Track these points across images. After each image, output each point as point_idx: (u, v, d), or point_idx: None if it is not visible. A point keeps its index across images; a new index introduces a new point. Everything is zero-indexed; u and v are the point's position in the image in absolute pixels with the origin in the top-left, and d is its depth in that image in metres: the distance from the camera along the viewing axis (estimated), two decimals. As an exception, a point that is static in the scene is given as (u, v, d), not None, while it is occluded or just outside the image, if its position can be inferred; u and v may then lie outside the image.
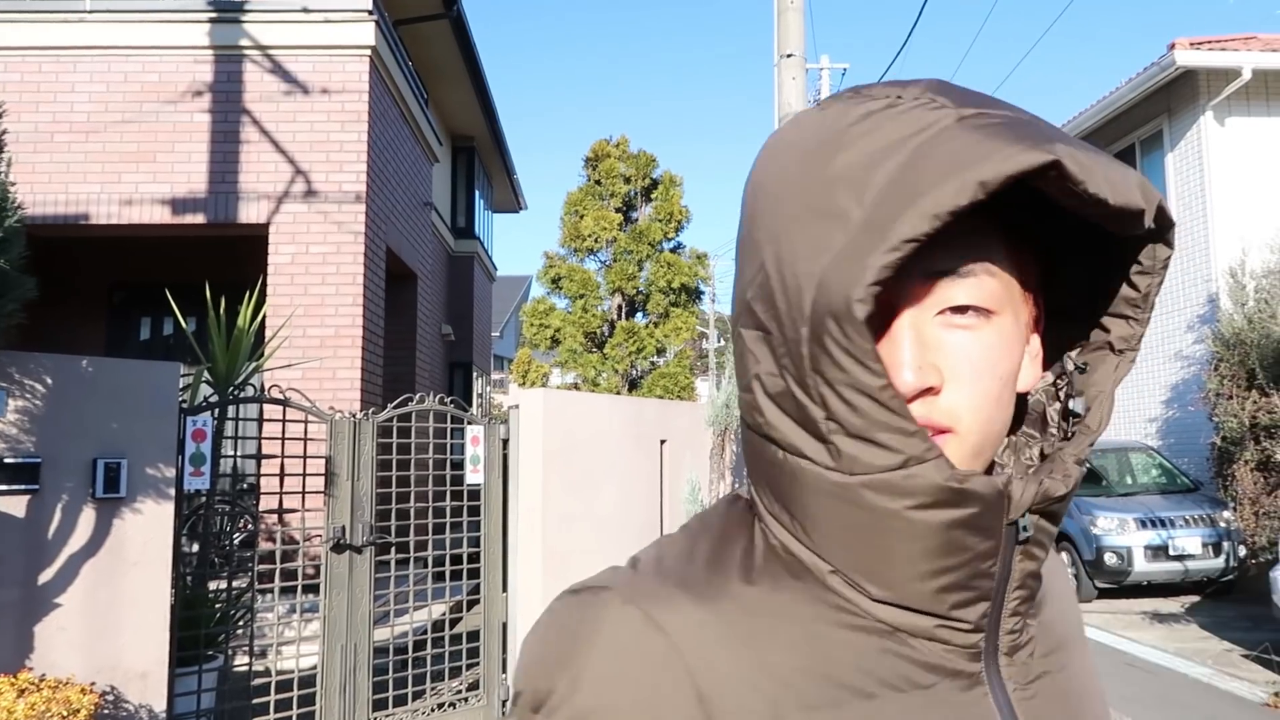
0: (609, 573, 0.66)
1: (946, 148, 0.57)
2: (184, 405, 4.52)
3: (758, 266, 0.63)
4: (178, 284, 8.27)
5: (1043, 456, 0.72)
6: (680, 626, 0.60)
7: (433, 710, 5.38)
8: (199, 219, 8.40)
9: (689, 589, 0.62)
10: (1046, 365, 0.72)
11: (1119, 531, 10.51)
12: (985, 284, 0.63)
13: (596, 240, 14.42)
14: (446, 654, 5.58)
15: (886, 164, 0.58)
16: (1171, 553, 10.36)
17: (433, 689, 5.54)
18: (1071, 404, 0.70)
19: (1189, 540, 10.39)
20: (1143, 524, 10.50)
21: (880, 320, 0.61)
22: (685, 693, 0.58)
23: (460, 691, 5.61)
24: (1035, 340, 0.70)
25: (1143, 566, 10.36)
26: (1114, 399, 0.70)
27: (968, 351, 0.62)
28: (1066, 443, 0.70)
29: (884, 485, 0.59)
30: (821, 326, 0.58)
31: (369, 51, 8.66)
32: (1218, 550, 10.41)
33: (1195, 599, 10.68)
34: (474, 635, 5.71)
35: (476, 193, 16.09)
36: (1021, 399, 0.71)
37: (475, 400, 15.62)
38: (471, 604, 6.09)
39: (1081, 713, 0.73)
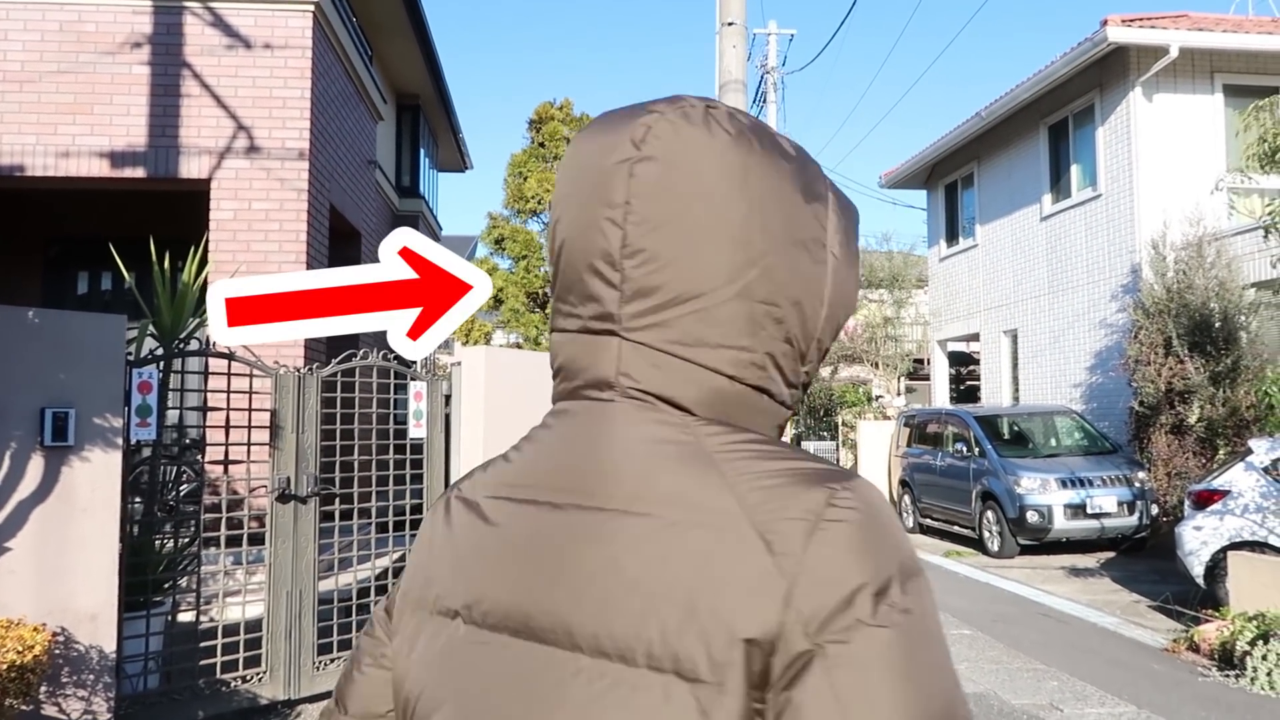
0: None
1: None
2: (130, 358, 4.59)
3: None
4: (117, 238, 8.20)
5: None
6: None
7: (376, 656, 5.54)
8: (138, 173, 8.34)
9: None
10: None
11: (1041, 491, 10.98)
12: None
13: (540, 202, 14.49)
14: (390, 602, 5.75)
15: None
16: (1089, 511, 10.87)
17: (376, 636, 5.70)
18: None
19: (1106, 499, 10.90)
20: (1063, 484, 10.99)
21: None
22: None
23: (403, 638, 5.79)
24: None
25: (1062, 524, 10.86)
26: None
27: None
28: None
29: None
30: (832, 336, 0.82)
31: (312, 7, 8.61)
32: (1132, 509, 10.94)
33: (1111, 554, 11.22)
34: (417, 585, 5.87)
35: (421, 151, 16.01)
36: None
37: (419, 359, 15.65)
38: (414, 555, 6.25)
39: None
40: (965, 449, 12.40)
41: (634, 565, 0.69)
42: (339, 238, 10.67)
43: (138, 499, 5.16)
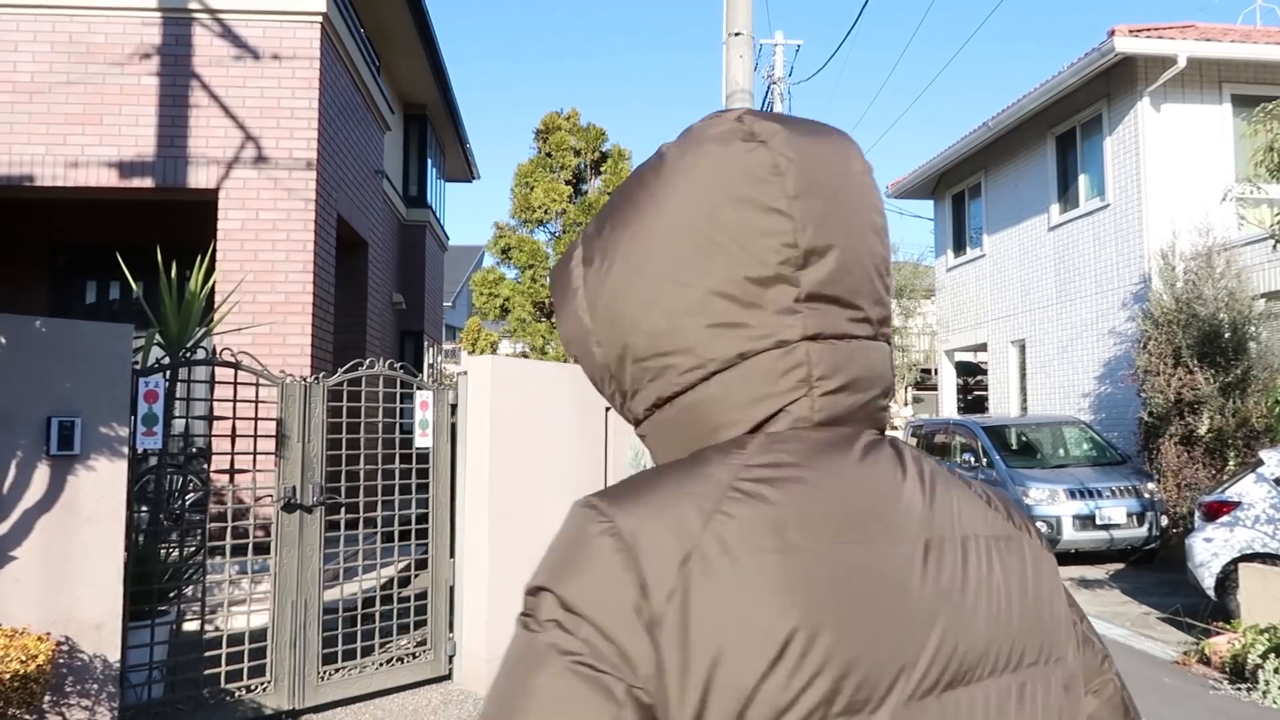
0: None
1: None
2: (137, 367, 4.59)
3: None
4: (124, 248, 8.24)
5: None
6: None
7: (381, 665, 5.54)
8: (147, 183, 8.37)
9: None
10: None
11: (1049, 501, 10.91)
12: None
13: (546, 212, 14.52)
14: (395, 612, 5.74)
15: None
16: (1099, 522, 10.79)
17: (382, 645, 5.70)
18: None
19: (1115, 510, 10.82)
20: (1072, 494, 10.92)
21: None
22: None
23: (408, 648, 5.77)
24: None
25: (1071, 535, 10.78)
26: None
27: None
28: None
29: None
30: None
31: (320, 18, 8.65)
32: (1141, 520, 10.86)
33: (1120, 566, 11.14)
34: (422, 595, 5.87)
35: (429, 161, 16.04)
36: None
37: (426, 369, 15.65)
38: (422, 564, 6.25)
39: None
40: (973, 459, 12.34)
41: (1000, 579, 0.73)
42: (346, 247, 10.70)
43: (144, 508, 5.16)
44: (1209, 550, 7.92)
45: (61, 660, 3.88)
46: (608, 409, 6.57)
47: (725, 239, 0.72)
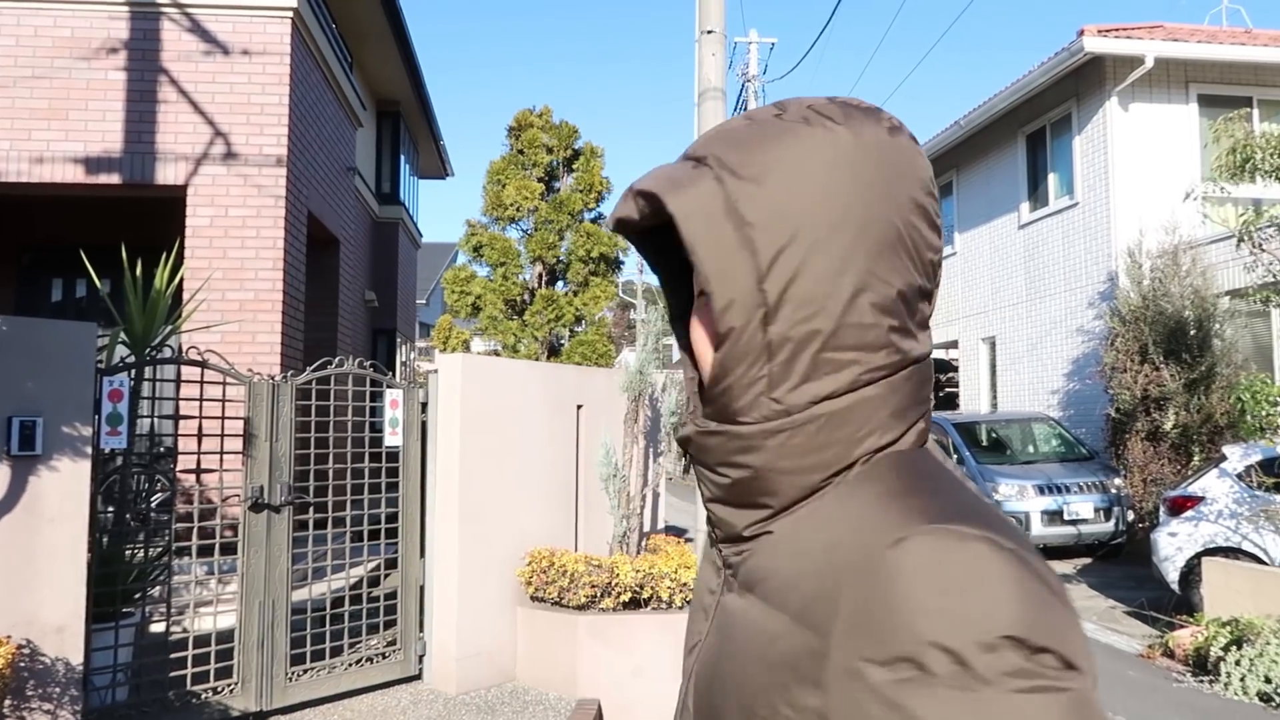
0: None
1: None
2: (100, 366, 4.55)
3: None
4: (91, 245, 8.17)
5: None
6: None
7: (350, 666, 5.51)
8: (114, 179, 8.27)
9: None
10: None
11: (1018, 497, 11.03)
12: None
13: (518, 209, 14.46)
14: (364, 612, 5.72)
15: None
16: (1066, 517, 10.92)
17: (351, 645, 5.68)
18: None
19: (1083, 506, 10.95)
20: (1041, 490, 11.04)
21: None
22: None
23: (378, 648, 5.76)
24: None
25: (1039, 530, 10.90)
26: (710, 357, 0.75)
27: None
28: None
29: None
30: None
31: (291, 13, 8.58)
32: (1108, 515, 11.00)
33: (1087, 561, 11.27)
34: (392, 595, 5.85)
35: (402, 158, 15.95)
36: None
37: (399, 367, 15.57)
38: (391, 564, 6.22)
39: (726, 648, 0.73)
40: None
41: None
42: (317, 245, 10.62)
43: (109, 508, 5.11)
44: (1173, 545, 8.03)
45: (23, 664, 3.84)
46: (580, 407, 6.56)
47: (909, 243, 0.70)
